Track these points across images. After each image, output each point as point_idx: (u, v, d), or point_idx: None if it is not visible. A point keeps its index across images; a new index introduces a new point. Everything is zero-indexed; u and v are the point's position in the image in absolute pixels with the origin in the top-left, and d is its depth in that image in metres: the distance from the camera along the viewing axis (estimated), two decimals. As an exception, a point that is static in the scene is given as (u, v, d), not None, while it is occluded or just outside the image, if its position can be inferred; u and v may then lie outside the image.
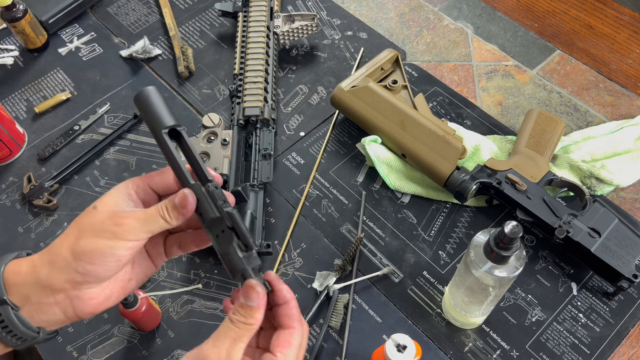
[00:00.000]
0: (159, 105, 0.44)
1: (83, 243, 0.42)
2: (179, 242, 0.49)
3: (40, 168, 0.86)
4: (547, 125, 0.80)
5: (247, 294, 0.44)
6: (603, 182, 0.78)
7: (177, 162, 0.45)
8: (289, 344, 0.45)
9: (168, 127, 0.44)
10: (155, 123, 0.44)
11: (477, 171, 0.76)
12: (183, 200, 0.44)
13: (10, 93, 0.95)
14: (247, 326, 0.43)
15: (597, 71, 0.94)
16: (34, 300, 0.43)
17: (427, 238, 0.77)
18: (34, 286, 0.43)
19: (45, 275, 0.43)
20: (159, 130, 0.44)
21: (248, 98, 0.84)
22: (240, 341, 0.43)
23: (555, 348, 0.68)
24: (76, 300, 0.43)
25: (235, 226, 0.43)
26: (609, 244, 0.69)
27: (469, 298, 0.62)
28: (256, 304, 0.44)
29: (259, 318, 0.44)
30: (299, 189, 0.82)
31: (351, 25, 1.02)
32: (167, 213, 0.44)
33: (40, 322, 0.43)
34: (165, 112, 0.44)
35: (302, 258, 0.76)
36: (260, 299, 0.44)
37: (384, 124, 0.81)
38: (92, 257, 0.42)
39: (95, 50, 1.01)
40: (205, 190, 0.44)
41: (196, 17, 1.05)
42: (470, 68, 0.95)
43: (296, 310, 0.47)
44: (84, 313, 0.44)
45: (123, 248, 0.43)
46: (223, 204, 0.44)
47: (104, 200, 0.44)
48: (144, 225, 0.43)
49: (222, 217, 0.43)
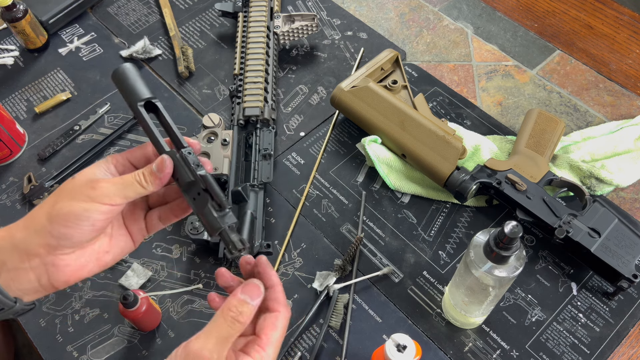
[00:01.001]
0: (135, 80, 0.47)
1: (58, 206, 0.43)
2: (158, 214, 0.50)
3: (41, 168, 0.86)
4: (547, 125, 0.80)
5: (249, 290, 0.44)
6: (603, 182, 0.78)
7: (152, 132, 0.47)
8: (274, 327, 0.46)
9: (144, 100, 0.47)
10: (132, 97, 0.47)
11: (477, 171, 0.76)
12: (161, 165, 0.45)
13: (10, 93, 0.95)
14: (239, 324, 0.44)
15: (597, 71, 0.94)
16: (10, 266, 0.43)
17: (427, 238, 0.77)
18: (10, 251, 0.43)
19: (20, 238, 0.43)
20: (134, 103, 0.47)
21: (248, 98, 0.84)
22: (232, 339, 0.43)
23: (555, 348, 0.68)
24: (51, 267, 0.44)
25: (209, 188, 0.45)
26: (609, 244, 0.69)
27: (469, 298, 0.62)
28: (256, 302, 0.44)
29: (251, 316, 0.44)
30: (299, 189, 0.82)
31: (351, 25, 1.02)
32: (144, 178, 0.45)
33: (16, 291, 0.44)
34: (141, 86, 0.47)
35: (302, 258, 0.76)
36: (261, 296, 0.45)
37: (384, 124, 0.81)
38: (67, 220, 0.43)
39: (95, 51, 1.01)
40: (179, 155, 0.46)
41: (196, 17, 1.05)
42: (470, 68, 0.95)
43: (282, 295, 0.48)
44: (58, 282, 0.44)
45: (98, 212, 0.43)
46: (197, 167, 0.46)
47: (83, 171, 0.46)
48: (120, 190, 0.44)
49: (196, 180, 0.45)
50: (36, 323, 0.72)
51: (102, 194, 0.43)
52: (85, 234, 0.44)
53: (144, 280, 0.74)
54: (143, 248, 0.77)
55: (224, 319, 0.43)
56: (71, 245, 0.44)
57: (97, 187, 0.43)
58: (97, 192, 0.43)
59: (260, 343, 0.45)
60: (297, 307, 0.72)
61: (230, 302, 0.44)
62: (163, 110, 0.48)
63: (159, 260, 0.76)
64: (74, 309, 0.73)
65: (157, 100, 0.48)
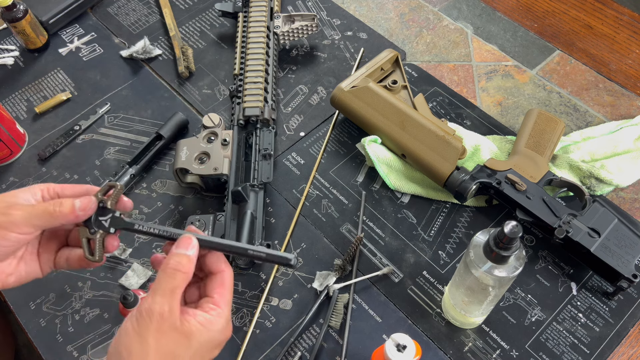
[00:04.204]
0: None
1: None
2: (67, 255, 0.50)
3: (41, 168, 0.86)
4: (547, 126, 0.80)
5: (182, 244, 0.46)
6: (603, 182, 0.78)
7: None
8: (223, 285, 0.47)
9: None
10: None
11: (477, 171, 0.76)
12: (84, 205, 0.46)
13: (10, 93, 0.95)
14: (182, 274, 0.45)
15: (597, 71, 0.94)
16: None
17: (427, 238, 0.77)
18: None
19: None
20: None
21: (248, 98, 0.84)
22: (179, 291, 0.44)
23: (555, 348, 0.68)
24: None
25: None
26: (609, 244, 0.69)
27: (469, 298, 0.62)
28: (192, 252, 0.46)
29: (192, 266, 0.46)
30: (299, 189, 0.82)
31: (351, 25, 1.02)
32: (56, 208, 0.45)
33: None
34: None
35: (302, 258, 0.76)
36: (195, 247, 0.46)
37: (383, 124, 0.81)
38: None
39: (95, 51, 1.01)
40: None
41: (196, 17, 1.05)
42: (470, 68, 0.95)
43: (221, 255, 0.49)
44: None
45: (3, 238, 0.44)
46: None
47: (10, 192, 0.46)
48: (28, 218, 0.44)
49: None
50: (36, 323, 0.72)
51: (11, 221, 0.43)
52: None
53: (144, 280, 0.74)
54: (143, 248, 0.77)
55: (165, 274, 0.45)
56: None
57: (9, 214, 0.44)
58: (7, 219, 0.43)
59: (213, 302, 0.46)
60: (297, 307, 0.72)
61: (167, 259, 0.46)
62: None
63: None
64: (74, 309, 0.73)
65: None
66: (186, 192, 0.82)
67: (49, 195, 0.48)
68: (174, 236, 0.48)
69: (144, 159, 0.84)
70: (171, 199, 0.82)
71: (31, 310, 0.73)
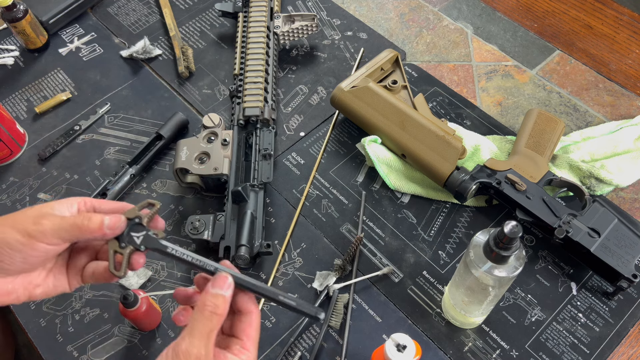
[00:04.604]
0: None
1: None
2: (94, 268, 0.50)
3: (41, 168, 0.86)
4: (547, 126, 0.80)
5: (219, 283, 0.46)
6: (603, 182, 0.78)
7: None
8: (252, 326, 0.48)
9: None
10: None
11: (477, 171, 0.76)
12: (113, 224, 0.45)
13: (10, 93, 0.95)
14: (219, 317, 0.45)
15: (597, 71, 0.94)
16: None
17: (427, 238, 0.77)
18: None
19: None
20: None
21: (248, 98, 0.84)
22: (214, 333, 0.44)
23: (555, 348, 0.68)
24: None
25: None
26: (609, 244, 0.69)
27: (469, 298, 0.62)
28: (228, 293, 0.46)
29: (227, 308, 0.46)
30: (299, 189, 0.82)
31: (351, 25, 1.02)
32: (85, 221, 0.45)
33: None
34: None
35: (302, 258, 0.76)
36: (231, 287, 0.46)
37: (383, 124, 0.81)
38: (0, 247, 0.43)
39: (95, 51, 1.01)
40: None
41: (196, 17, 1.05)
42: (470, 68, 0.95)
43: (253, 296, 0.49)
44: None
45: (31, 248, 0.43)
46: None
47: (49, 203, 0.46)
48: (57, 230, 0.44)
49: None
50: (36, 323, 0.72)
51: (40, 231, 0.43)
52: (16, 265, 0.44)
53: (144, 280, 0.74)
54: (143, 248, 0.77)
55: (202, 315, 0.44)
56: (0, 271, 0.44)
57: (40, 223, 0.43)
58: (37, 228, 0.43)
59: (243, 344, 0.47)
60: (297, 307, 0.72)
61: (204, 299, 0.45)
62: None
63: (159, 260, 0.76)
64: (74, 309, 0.73)
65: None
66: (186, 192, 0.83)
67: (85, 209, 0.48)
68: (207, 267, 0.47)
69: (144, 159, 0.84)
70: (171, 199, 0.82)
71: (31, 310, 0.73)
